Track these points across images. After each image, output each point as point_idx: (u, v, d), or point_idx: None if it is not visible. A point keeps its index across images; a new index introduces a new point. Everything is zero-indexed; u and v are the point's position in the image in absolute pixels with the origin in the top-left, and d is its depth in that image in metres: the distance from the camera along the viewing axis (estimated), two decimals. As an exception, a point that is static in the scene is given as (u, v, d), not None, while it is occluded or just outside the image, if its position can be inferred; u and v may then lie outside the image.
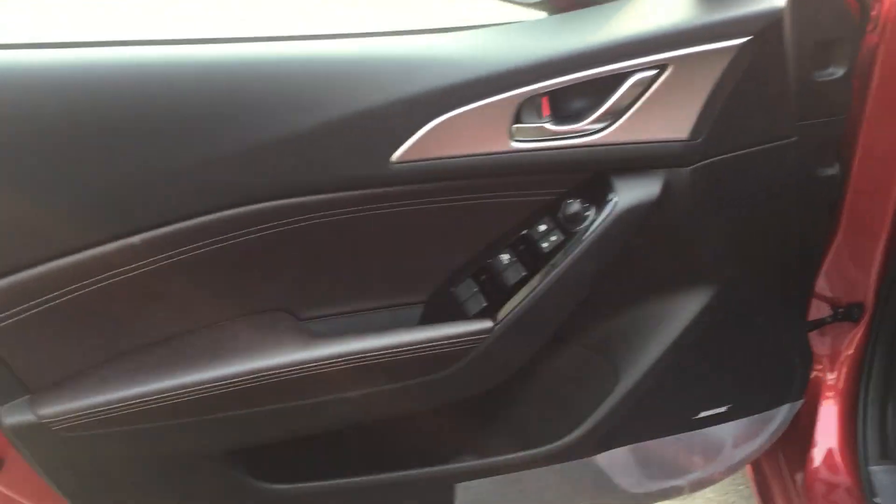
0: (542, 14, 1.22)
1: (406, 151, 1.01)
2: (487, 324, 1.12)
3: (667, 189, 1.08)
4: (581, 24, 1.05)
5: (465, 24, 1.08)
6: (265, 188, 1.00)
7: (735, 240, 1.16)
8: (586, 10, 1.08)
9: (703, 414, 1.33)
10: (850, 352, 1.41)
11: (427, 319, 1.19)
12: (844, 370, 1.41)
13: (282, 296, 1.13)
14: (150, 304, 1.06)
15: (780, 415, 1.36)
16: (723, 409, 1.32)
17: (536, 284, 1.11)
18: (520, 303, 1.11)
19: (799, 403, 1.37)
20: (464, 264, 1.17)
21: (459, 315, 1.15)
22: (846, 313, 1.40)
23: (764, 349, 1.30)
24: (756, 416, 1.35)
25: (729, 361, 1.29)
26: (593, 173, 1.09)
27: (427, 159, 1.02)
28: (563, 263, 1.10)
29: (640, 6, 1.06)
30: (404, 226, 1.09)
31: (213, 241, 1.02)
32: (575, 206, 1.09)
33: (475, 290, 1.15)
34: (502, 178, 1.08)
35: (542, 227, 1.12)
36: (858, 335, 1.40)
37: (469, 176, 1.06)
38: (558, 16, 1.09)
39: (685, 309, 1.21)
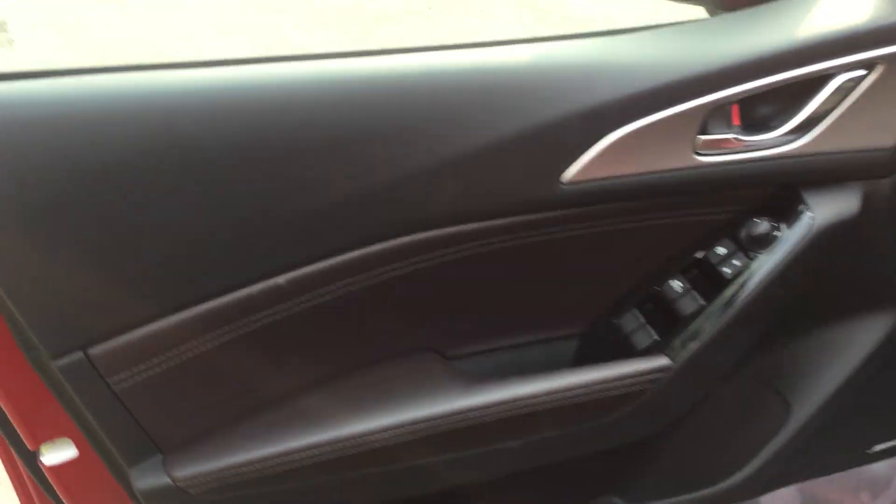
0: (701, 11, 1.10)
1: (579, 170, 0.89)
2: (664, 361, 0.99)
3: (866, 203, 0.96)
4: (770, 21, 0.93)
5: (639, 26, 0.96)
6: (420, 218, 0.89)
7: None
8: (770, 5, 0.96)
9: (877, 447, 1.20)
10: None
11: (584, 353, 1.07)
12: None
13: (430, 333, 1.02)
14: (291, 350, 0.94)
15: None
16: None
17: (717, 315, 0.98)
18: (698, 336, 0.99)
19: None
20: (627, 292, 1.05)
21: (623, 349, 1.03)
22: None
23: None
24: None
25: None
26: (779, 187, 0.97)
27: (601, 179, 0.90)
28: (748, 291, 0.97)
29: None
30: (565, 252, 0.98)
31: (361, 279, 0.91)
32: (762, 225, 0.97)
33: (642, 321, 1.03)
34: (679, 197, 0.96)
35: (722, 250, 1.00)
36: None
37: (645, 196, 0.94)
38: (739, 13, 0.97)
39: (867, 336, 1.09)
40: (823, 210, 0.96)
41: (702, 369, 1.01)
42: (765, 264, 0.97)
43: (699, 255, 1.01)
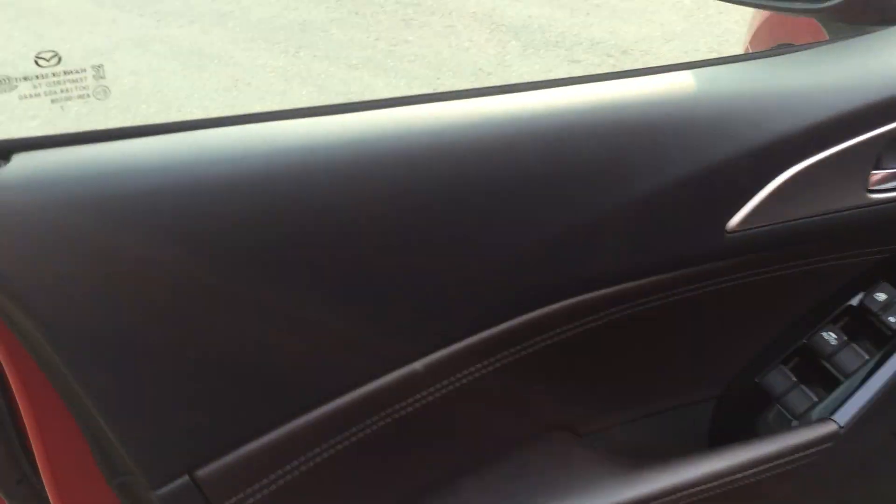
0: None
1: (745, 217, 0.77)
2: (832, 426, 0.87)
3: None
4: None
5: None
6: (579, 279, 0.75)
7: None
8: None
9: None
10: None
11: (724, 420, 0.94)
12: None
13: (568, 409, 0.88)
14: (421, 445, 0.79)
15: None
16: None
17: (886, 372, 0.87)
18: (864, 395, 0.87)
19: None
20: (768, 346, 0.93)
21: (776, 414, 0.91)
22: None
23: None
24: None
25: None
26: None
27: (768, 225, 0.78)
28: None
29: None
30: (719, 305, 0.85)
31: (504, 356, 0.77)
32: None
33: (793, 379, 0.91)
34: (843, 239, 0.85)
35: (882, 296, 0.89)
36: None
37: (811, 240, 0.82)
38: (888, 30, 0.87)
39: None
40: None
41: (868, 433, 0.89)
42: None
43: (857, 302, 0.90)
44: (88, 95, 0.63)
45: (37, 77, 0.62)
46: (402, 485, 0.80)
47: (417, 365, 0.73)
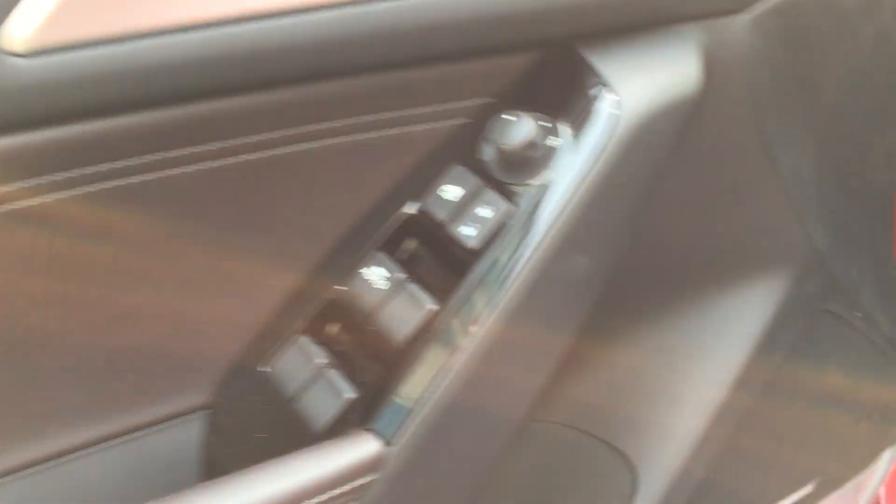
0: None
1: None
2: (373, 445, 0.47)
3: (710, 67, 0.49)
4: None
5: None
6: None
7: (832, 157, 0.59)
8: None
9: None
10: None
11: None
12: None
13: None
14: None
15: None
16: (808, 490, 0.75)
17: (459, 329, 0.48)
18: (431, 378, 0.48)
19: None
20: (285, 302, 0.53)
21: (285, 423, 0.52)
22: None
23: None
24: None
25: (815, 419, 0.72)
26: (544, 53, 0.48)
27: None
28: (515, 270, 0.48)
29: None
30: None
31: None
32: (521, 128, 0.48)
33: (316, 362, 0.51)
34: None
35: (452, 192, 0.50)
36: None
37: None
38: None
39: (742, 338, 0.65)
40: (636, 88, 0.48)
41: (446, 445, 0.50)
42: (538, 210, 0.48)
43: (410, 209, 0.51)
44: None
45: None
46: None
47: None
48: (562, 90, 0.50)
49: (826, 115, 0.55)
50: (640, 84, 0.49)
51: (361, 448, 0.47)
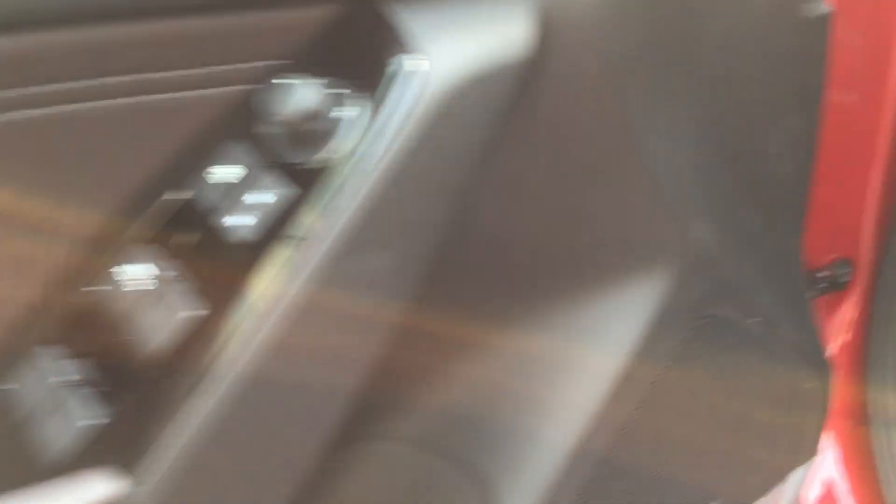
0: None
1: None
2: (114, 484, 0.38)
3: (548, 28, 0.42)
4: None
5: None
6: None
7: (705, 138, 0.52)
8: None
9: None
10: (848, 338, 0.82)
11: None
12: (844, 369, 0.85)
13: None
14: None
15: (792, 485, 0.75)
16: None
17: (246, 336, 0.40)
18: (202, 402, 0.39)
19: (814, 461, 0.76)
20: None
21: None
22: (830, 278, 0.81)
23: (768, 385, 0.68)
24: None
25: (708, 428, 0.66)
26: (341, 7, 0.41)
27: None
28: (306, 261, 0.40)
29: None
30: None
31: None
32: (302, 95, 0.39)
33: (64, 380, 0.42)
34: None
35: (220, 174, 0.41)
36: (854, 309, 0.84)
37: None
38: None
39: (611, 339, 0.57)
40: (451, 49, 0.40)
41: (218, 482, 0.41)
42: (327, 194, 0.40)
43: (175, 195, 0.42)
44: None
45: None
46: None
47: None
48: (360, 52, 0.42)
49: (707, 94, 0.47)
50: (455, 45, 0.40)
51: (98, 487, 0.39)
